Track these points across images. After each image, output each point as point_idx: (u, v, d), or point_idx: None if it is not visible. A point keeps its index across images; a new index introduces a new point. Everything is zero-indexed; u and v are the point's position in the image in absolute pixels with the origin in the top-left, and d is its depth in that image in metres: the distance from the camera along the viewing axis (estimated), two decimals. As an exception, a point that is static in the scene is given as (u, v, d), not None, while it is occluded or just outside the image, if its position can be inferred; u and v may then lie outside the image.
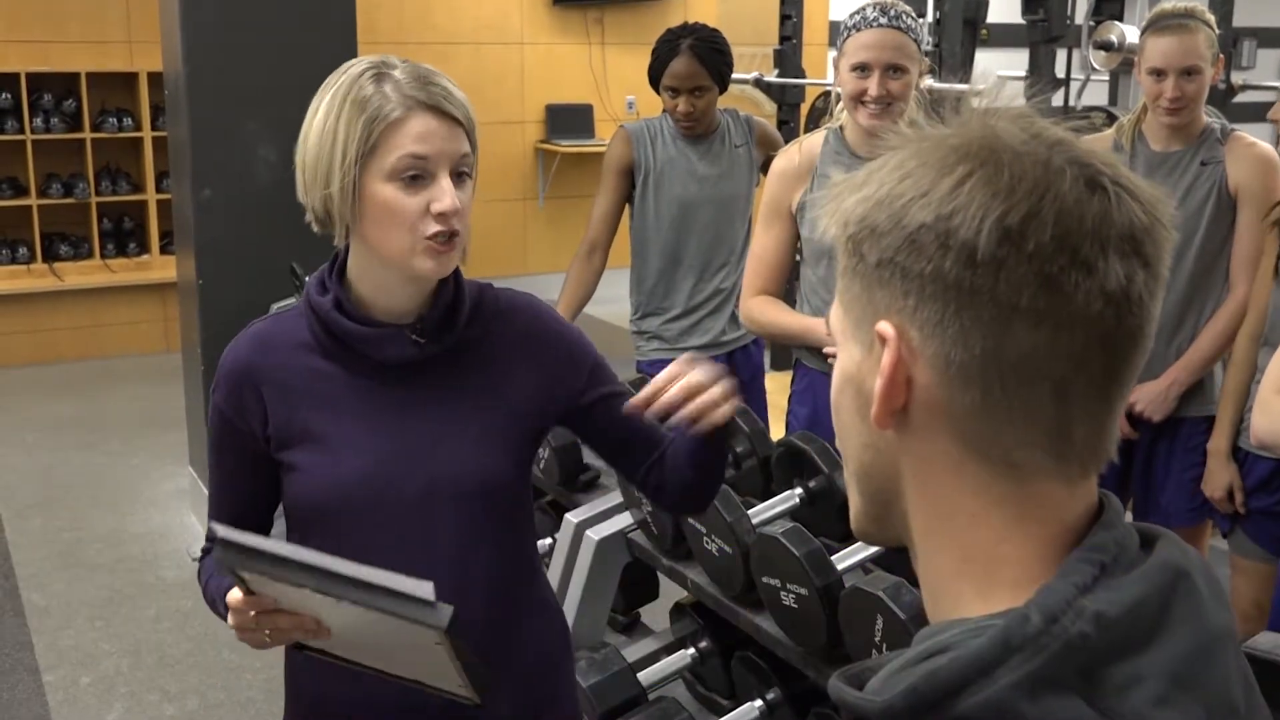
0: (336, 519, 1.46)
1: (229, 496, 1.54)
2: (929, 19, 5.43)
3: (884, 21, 2.37)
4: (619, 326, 4.26)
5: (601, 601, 2.44)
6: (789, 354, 3.34)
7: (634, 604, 2.72)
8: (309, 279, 1.51)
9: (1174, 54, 2.71)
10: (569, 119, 7.92)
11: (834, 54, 2.50)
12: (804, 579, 1.83)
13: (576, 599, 2.39)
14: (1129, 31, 4.25)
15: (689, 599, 2.31)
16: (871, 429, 0.72)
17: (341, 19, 4.27)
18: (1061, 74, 5.04)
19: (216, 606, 1.48)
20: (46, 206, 6.89)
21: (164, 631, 3.79)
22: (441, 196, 1.39)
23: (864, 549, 1.96)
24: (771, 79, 5.98)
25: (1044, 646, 0.62)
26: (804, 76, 6.02)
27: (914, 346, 0.68)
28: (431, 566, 1.22)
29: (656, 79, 3.23)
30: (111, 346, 6.90)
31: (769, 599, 1.94)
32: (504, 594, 1.54)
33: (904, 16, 2.39)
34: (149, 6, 5.04)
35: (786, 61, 5.96)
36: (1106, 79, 5.45)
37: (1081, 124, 0.71)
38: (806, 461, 2.14)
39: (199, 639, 3.71)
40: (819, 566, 1.83)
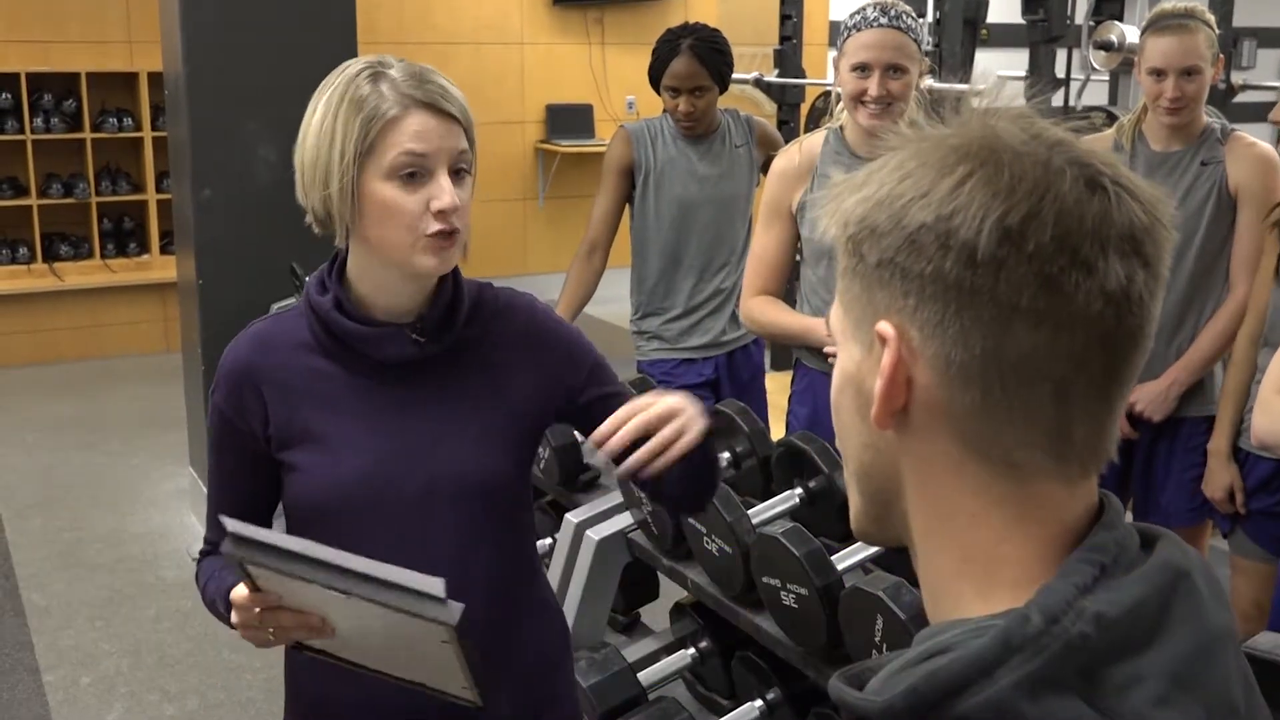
0: (336, 519, 1.46)
1: (229, 497, 1.54)
2: (929, 19, 5.43)
3: (884, 21, 2.37)
4: (619, 326, 4.26)
5: (601, 601, 2.44)
6: (789, 354, 3.34)
7: (634, 604, 2.72)
8: (309, 279, 1.51)
9: (1174, 54, 2.71)
10: (569, 119, 7.92)
11: (834, 54, 2.50)
12: (804, 579, 1.83)
13: (576, 599, 2.39)
14: (1129, 31, 4.25)
15: (689, 599, 2.31)
16: (871, 429, 0.72)
17: (341, 19, 4.27)
18: (1061, 74, 5.04)
19: (216, 607, 1.48)
20: (47, 206, 6.89)
21: (164, 631, 3.79)
22: (440, 194, 1.39)
23: (864, 549, 1.96)
24: (771, 79, 5.99)
25: (1044, 647, 0.62)
26: (804, 76, 6.03)
27: (914, 347, 0.68)
28: (431, 566, 1.21)
29: (657, 79, 3.23)
30: (111, 346, 6.90)
31: (769, 599, 1.94)
32: (504, 594, 1.54)
33: (904, 16, 2.39)
34: (149, 6, 5.04)
35: (786, 61, 5.96)
36: (1106, 79, 5.45)
37: (1081, 124, 0.71)
38: (806, 461, 2.14)
39: (199, 639, 3.71)
40: (819, 566, 1.83)
